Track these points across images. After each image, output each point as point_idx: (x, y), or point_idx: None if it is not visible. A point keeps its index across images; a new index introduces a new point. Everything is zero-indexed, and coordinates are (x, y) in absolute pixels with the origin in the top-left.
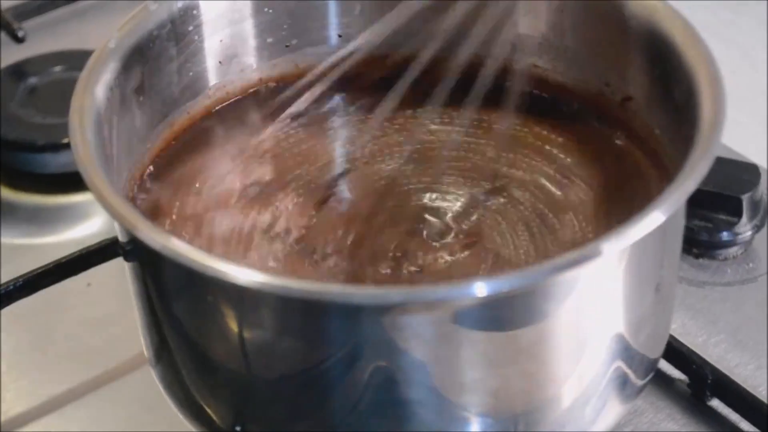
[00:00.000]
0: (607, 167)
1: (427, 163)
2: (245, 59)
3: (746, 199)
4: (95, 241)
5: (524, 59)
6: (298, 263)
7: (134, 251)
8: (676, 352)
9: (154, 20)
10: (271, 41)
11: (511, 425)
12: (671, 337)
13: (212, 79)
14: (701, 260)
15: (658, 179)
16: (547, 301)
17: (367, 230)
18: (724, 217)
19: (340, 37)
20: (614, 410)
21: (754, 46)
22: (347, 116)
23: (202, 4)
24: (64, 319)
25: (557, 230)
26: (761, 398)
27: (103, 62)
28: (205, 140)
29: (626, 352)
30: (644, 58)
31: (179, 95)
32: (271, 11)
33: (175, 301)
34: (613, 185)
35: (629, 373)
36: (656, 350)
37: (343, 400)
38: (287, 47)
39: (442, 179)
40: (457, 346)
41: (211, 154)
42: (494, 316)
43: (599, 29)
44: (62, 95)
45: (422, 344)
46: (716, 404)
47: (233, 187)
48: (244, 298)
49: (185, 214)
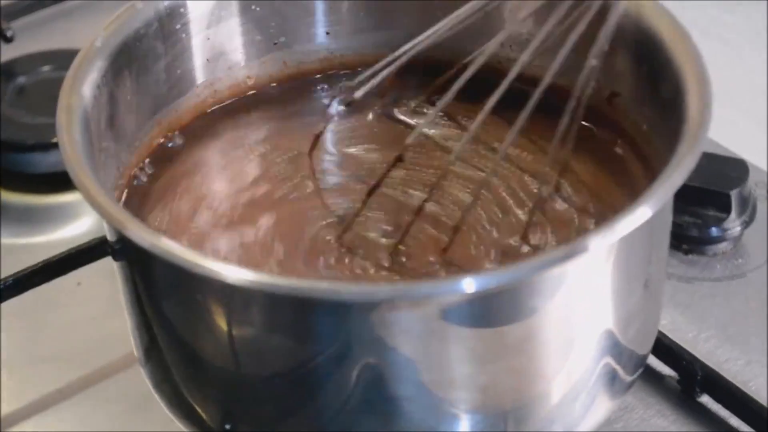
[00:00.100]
0: (594, 163)
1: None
2: (233, 57)
3: (735, 194)
4: (85, 240)
5: (512, 56)
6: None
7: (123, 250)
8: (665, 348)
9: (141, 18)
10: (259, 39)
11: (500, 422)
12: (661, 333)
13: (200, 77)
14: (691, 256)
15: (645, 175)
16: (535, 297)
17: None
18: (713, 213)
19: (328, 34)
20: (603, 406)
21: (744, 43)
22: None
23: (188, 2)
24: (53, 318)
25: (542, 223)
26: (751, 394)
27: (89, 61)
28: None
29: (615, 348)
30: (632, 54)
31: (167, 93)
32: (258, 9)
33: (164, 300)
34: (600, 181)
35: (618, 369)
36: (645, 346)
37: (332, 397)
38: (275, 45)
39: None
40: (445, 342)
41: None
42: (482, 312)
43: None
44: (51, 95)
45: (411, 341)
46: (706, 400)
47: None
48: (233, 296)
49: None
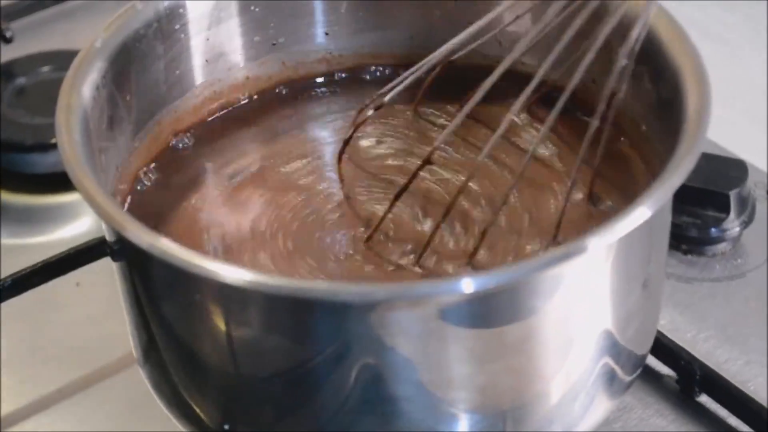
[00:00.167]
0: (593, 162)
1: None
2: (232, 57)
3: (734, 195)
4: (85, 240)
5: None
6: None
7: (122, 250)
8: (664, 348)
9: (140, 19)
10: (258, 39)
11: (499, 422)
12: (660, 333)
13: (199, 77)
14: (690, 256)
15: (644, 175)
16: (533, 297)
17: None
18: (712, 213)
19: (326, 34)
20: (602, 406)
21: (744, 43)
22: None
23: (188, 3)
24: (53, 318)
25: (542, 222)
26: (749, 394)
27: (89, 62)
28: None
29: (614, 348)
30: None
31: (166, 94)
32: (257, 10)
33: (163, 300)
34: (599, 181)
35: (617, 369)
36: (644, 346)
37: (331, 397)
38: (274, 45)
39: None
40: (444, 342)
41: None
42: (481, 312)
43: (585, 25)
44: (50, 95)
45: (410, 341)
46: (705, 400)
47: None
48: (231, 296)
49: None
